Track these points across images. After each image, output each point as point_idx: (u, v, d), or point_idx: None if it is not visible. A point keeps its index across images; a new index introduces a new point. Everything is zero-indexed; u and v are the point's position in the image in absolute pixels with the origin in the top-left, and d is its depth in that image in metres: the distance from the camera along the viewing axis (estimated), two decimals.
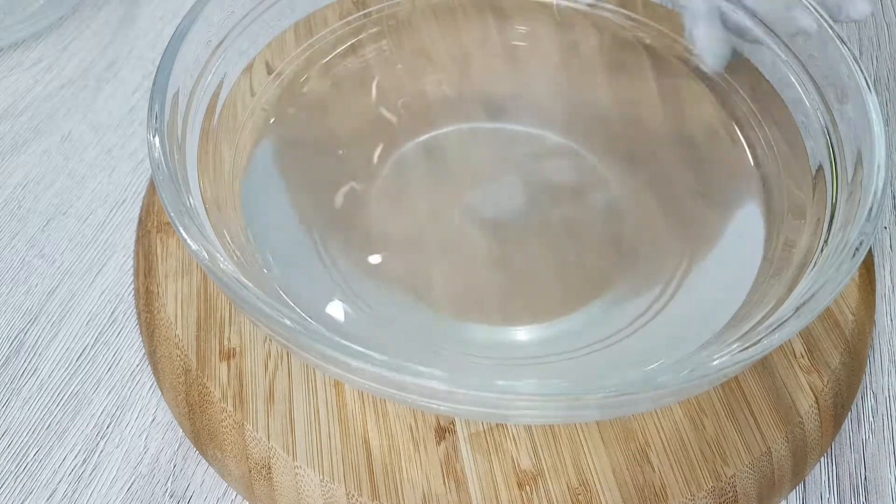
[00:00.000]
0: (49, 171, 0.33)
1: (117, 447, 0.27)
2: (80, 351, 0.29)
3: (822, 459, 0.27)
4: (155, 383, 0.28)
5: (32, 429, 0.27)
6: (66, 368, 0.28)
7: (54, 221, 0.32)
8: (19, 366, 0.28)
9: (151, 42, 0.39)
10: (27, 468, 0.26)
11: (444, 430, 0.24)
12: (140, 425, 0.27)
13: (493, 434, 0.24)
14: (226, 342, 0.26)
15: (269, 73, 0.34)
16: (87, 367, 0.28)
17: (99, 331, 0.29)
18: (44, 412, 0.27)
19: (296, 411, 0.25)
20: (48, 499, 0.25)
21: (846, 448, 0.27)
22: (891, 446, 0.27)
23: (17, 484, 0.26)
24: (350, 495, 0.23)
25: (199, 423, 0.25)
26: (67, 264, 0.31)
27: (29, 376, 0.28)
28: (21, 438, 0.27)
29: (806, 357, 0.26)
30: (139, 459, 0.26)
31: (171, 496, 0.26)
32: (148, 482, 0.26)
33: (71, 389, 0.28)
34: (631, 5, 0.33)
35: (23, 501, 0.25)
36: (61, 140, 0.35)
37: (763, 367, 0.26)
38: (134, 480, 0.26)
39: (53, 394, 0.28)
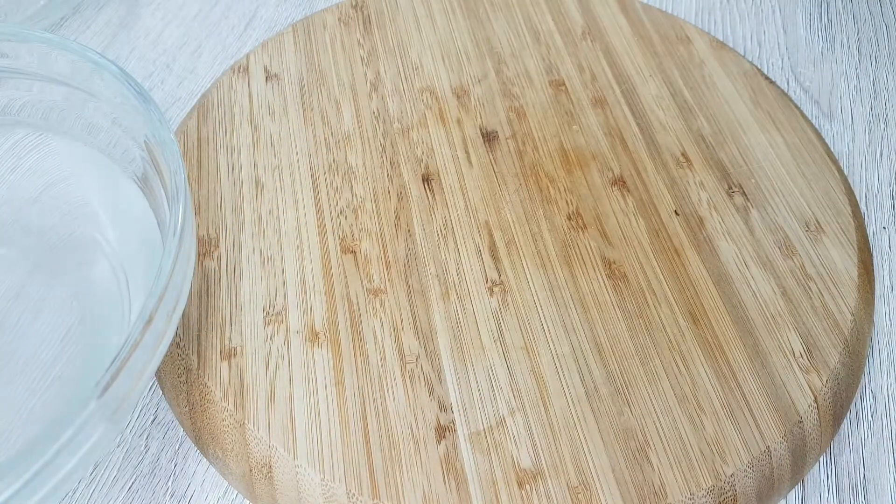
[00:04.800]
0: None
1: (118, 446, 0.27)
2: None
3: (821, 459, 0.27)
4: (156, 382, 0.28)
5: None
6: None
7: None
8: None
9: (153, 42, 0.39)
10: None
11: (444, 429, 0.24)
12: (141, 424, 0.27)
13: (493, 433, 0.24)
14: (227, 341, 0.26)
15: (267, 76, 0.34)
16: None
17: None
18: None
19: (296, 410, 0.25)
20: None
21: (845, 447, 0.27)
22: (890, 446, 0.27)
23: None
24: (350, 494, 0.23)
25: (200, 423, 0.25)
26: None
27: None
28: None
29: (805, 356, 0.26)
30: (140, 459, 0.26)
31: (172, 496, 0.26)
32: (149, 481, 0.26)
33: None
34: None
35: None
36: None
37: (762, 367, 0.26)
38: (135, 480, 0.26)
39: None
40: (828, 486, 0.26)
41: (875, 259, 0.31)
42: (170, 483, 0.26)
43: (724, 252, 0.29)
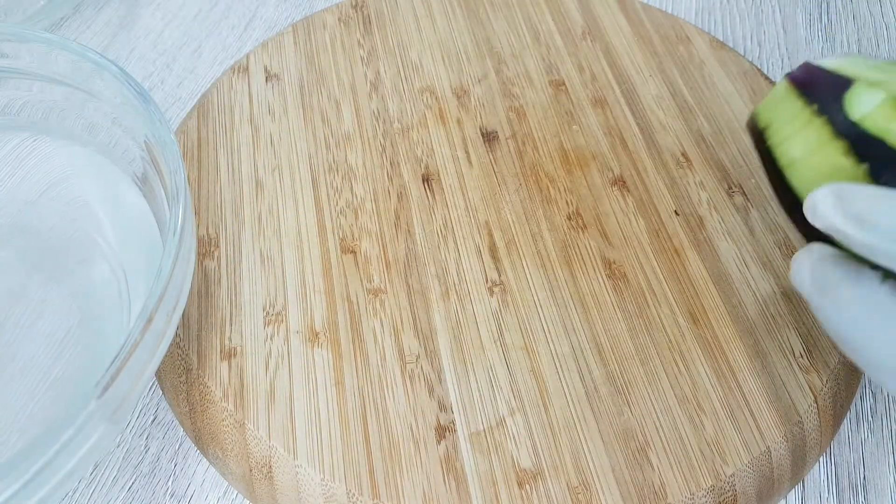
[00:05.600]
0: None
1: (118, 447, 0.27)
2: None
3: (821, 459, 0.27)
4: (156, 382, 0.28)
5: None
6: None
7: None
8: None
9: (152, 42, 0.39)
10: None
11: (444, 430, 0.24)
12: (141, 425, 0.27)
13: (493, 433, 0.24)
14: (227, 342, 0.26)
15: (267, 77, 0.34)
16: None
17: None
18: None
19: (296, 410, 0.25)
20: None
21: (845, 447, 0.27)
22: (889, 446, 0.27)
23: None
24: (350, 494, 0.23)
25: (200, 423, 0.25)
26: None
27: None
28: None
29: (805, 356, 0.26)
30: (140, 459, 0.26)
31: (172, 496, 0.26)
32: (149, 481, 0.26)
33: None
34: None
35: None
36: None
37: (762, 367, 0.26)
38: (135, 480, 0.26)
39: None
40: (828, 486, 0.26)
41: None
42: (170, 483, 0.26)
43: (724, 252, 0.29)
